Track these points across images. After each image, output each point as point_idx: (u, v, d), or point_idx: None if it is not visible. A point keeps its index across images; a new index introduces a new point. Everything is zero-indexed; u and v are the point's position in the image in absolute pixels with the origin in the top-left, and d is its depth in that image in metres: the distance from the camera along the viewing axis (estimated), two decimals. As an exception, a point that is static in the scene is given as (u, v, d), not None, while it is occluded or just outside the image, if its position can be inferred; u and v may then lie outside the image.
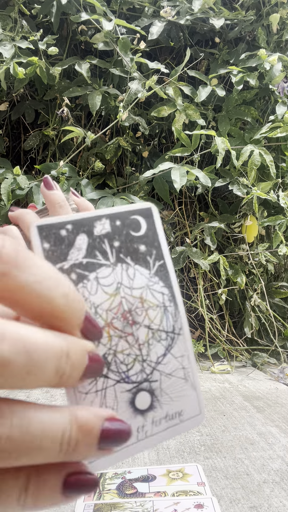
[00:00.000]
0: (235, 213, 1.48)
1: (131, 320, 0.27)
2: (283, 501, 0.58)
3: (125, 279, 0.27)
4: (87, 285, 0.26)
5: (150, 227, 0.28)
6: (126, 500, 0.57)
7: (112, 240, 0.27)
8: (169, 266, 0.29)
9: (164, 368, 0.27)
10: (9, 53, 1.22)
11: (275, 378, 1.22)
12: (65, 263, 0.25)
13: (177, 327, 0.28)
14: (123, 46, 1.31)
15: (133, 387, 0.26)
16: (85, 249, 0.26)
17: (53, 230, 0.25)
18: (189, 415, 0.28)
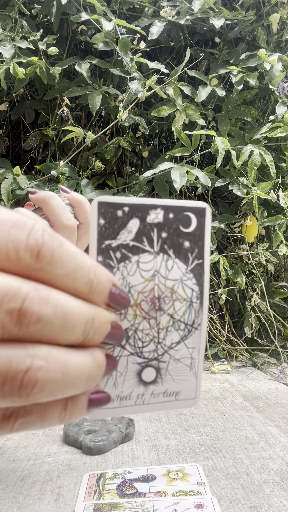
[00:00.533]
0: (235, 213, 1.48)
1: (157, 306, 0.29)
2: (283, 501, 0.58)
3: (162, 269, 0.29)
4: (128, 266, 0.28)
5: (199, 226, 0.29)
6: (126, 500, 0.57)
7: (161, 230, 0.28)
8: (206, 267, 0.30)
9: (175, 354, 0.30)
10: (9, 53, 1.22)
11: (275, 378, 1.22)
12: (113, 241, 0.27)
13: (197, 322, 0.30)
14: (123, 46, 1.31)
15: (143, 362, 0.29)
16: (134, 233, 0.28)
17: (111, 208, 0.27)
18: (184, 397, 0.31)
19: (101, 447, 0.72)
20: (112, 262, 0.27)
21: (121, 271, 0.28)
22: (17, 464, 0.69)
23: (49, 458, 0.71)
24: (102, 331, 0.24)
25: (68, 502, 0.58)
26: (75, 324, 0.22)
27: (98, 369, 0.24)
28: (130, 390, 0.29)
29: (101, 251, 0.27)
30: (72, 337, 0.23)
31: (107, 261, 0.27)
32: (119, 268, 0.28)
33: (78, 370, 0.22)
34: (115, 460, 0.70)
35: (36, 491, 0.61)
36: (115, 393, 0.29)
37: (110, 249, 0.27)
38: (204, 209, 0.29)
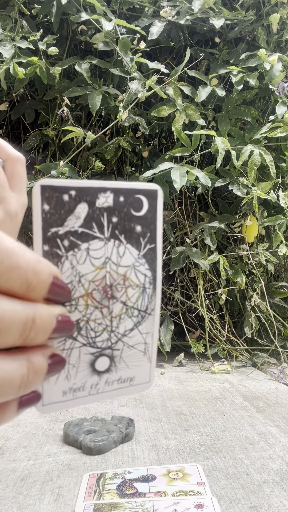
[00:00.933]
0: (235, 213, 1.48)
1: (110, 294, 0.28)
2: (283, 501, 0.58)
3: (114, 256, 0.28)
4: (77, 254, 0.26)
5: (151, 209, 0.29)
6: (126, 500, 0.57)
7: (111, 215, 0.27)
8: (158, 251, 0.29)
9: (128, 341, 0.29)
10: (9, 53, 1.22)
11: (275, 378, 1.22)
12: (60, 228, 0.26)
13: (150, 307, 0.30)
14: (123, 46, 1.31)
15: (96, 351, 0.28)
16: (83, 219, 0.26)
17: (56, 193, 0.25)
18: (139, 381, 0.31)
19: (101, 447, 0.72)
20: (59, 251, 0.26)
21: (70, 260, 0.26)
22: (17, 464, 0.69)
23: (49, 458, 0.71)
24: (46, 328, 0.22)
25: (68, 502, 0.58)
26: (9, 327, 0.20)
27: (34, 375, 0.22)
28: (84, 381, 0.29)
29: (47, 239, 0.26)
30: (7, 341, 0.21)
31: (54, 250, 0.26)
32: (67, 257, 0.26)
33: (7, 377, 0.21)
34: (115, 460, 0.70)
35: (36, 491, 0.61)
36: (68, 386, 0.28)
37: (57, 237, 0.26)
38: (156, 191, 0.29)
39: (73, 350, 0.28)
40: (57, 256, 0.26)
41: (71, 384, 0.28)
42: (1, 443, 0.77)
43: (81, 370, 0.28)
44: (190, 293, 1.49)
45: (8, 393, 0.21)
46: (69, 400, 0.28)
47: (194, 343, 1.31)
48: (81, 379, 0.28)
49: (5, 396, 0.21)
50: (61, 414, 0.90)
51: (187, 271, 1.50)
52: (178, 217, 1.52)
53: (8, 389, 0.21)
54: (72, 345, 0.28)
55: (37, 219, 0.25)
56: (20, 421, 0.87)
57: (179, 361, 1.33)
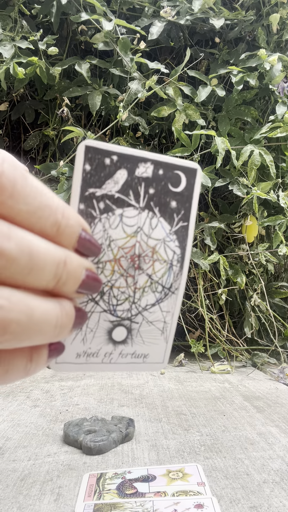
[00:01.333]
0: (235, 213, 1.48)
1: (137, 264, 0.28)
2: (283, 501, 0.58)
3: (146, 227, 0.28)
4: (110, 218, 0.27)
5: (188, 187, 0.28)
6: (126, 500, 0.57)
7: (149, 186, 0.27)
8: (190, 231, 0.29)
9: (148, 316, 0.29)
10: (9, 53, 1.22)
11: (275, 378, 1.22)
12: (98, 190, 0.26)
13: (174, 286, 0.30)
14: (123, 46, 1.31)
15: (115, 320, 0.28)
16: (121, 184, 0.26)
17: (98, 155, 0.26)
18: (152, 360, 0.30)
19: (101, 447, 0.72)
20: (94, 212, 0.26)
21: (103, 223, 0.26)
22: (17, 464, 0.69)
23: (49, 458, 0.71)
24: (76, 276, 0.23)
25: (68, 502, 0.58)
26: (43, 264, 0.21)
27: (66, 317, 0.23)
28: (99, 348, 0.29)
29: (84, 198, 0.26)
30: (42, 279, 0.21)
31: (89, 210, 0.26)
32: (101, 219, 0.26)
33: (44, 315, 0.21)
34: (115, 460, 0.70)
35: (36, 491, 0.61)
36: (83, 349, 0.28)
37: (94, 198, 0.26)
38: (195, 170, 0.28)
39: (93, 314, 0.28)
40: (91, 216, 0.26)
41: (86, 348, 0.28)
42: (1, 443, 0.77)
43: (97, 336, 0.28)
44: (190, 293, 1.49)
45: (46, 331, 0.21)
46: (82, 363, 0.28)
47: (194, 343, 1.31)
48: (96, 345, 0.28)
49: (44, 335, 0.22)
50: (61, 414, 0.90)
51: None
52: (178, 217, 1.52)
53: (47, 327, 0.21)
54: (93, 308, 0.28)
55: (77, 177, 0.26)
56: (20, 421, 0.87)
57: (179, 361, 1.33)
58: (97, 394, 1.03)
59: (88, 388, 1.08)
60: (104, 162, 0.26)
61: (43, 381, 1.15)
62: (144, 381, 1.15)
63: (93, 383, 1.13)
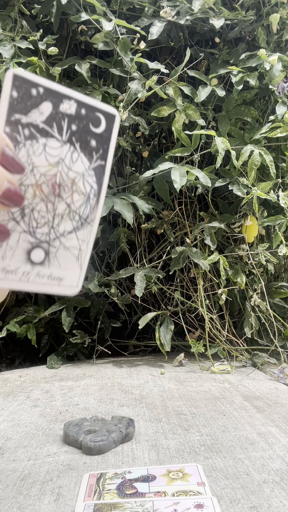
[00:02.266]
0: (235, 213, 1.48)
1: (57, 192, 0.30)
2: (283, 501, 0.58)
3: (67, 159, 0.30)
4: (34, 146, 0.29)
5: (107, 129, 0.31)
6: (126, 500, 0.57)
7: (71, 122, 0.30)
8: (107, 170, 0.32)
9: (65, 242, 0.32)
10: (8, 53, 1.22)
11: (275, 378, 1.22)
12: (24, 117, 0.28)
13: (90, 218, 0.32)
14: (123, 46, 1.31)
15: (34, 242, 0.31)
16: (46, 116, 0.29)
17: (26, 84, 0.27)
18: (67, 283, 0.33)
19: (101, 447, 0.72)
20: (19, 136, 0.28)
21: (27, 149, 0.28)
22: (17, 464, 0.69)
23: (49, 458, 0.71)
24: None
25: (68, 502, 0.58)
26: None
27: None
28: (17, 266, 0.30)
29: (10, 123, 0.27)
30: None
31: (14, 135, 0.28)
32: (25, 144, 0.28)
33: None
34: (115, 460, 0.70)
35: (36, 491, 0.61)
36: (2, 265, 0.30)
37: (19, 124, 0.28)
38: (114, 116, 0.31)
39: (13, 233, 0.30)
40: (15, 141, 0.28)
41: (5, 264, 0.30)
42: (1, 443, 0.77)
43: (16, 255, 0.30)
44: (190, 293, 1.49)
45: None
46: (0, 279, 0.30)
47: (194, 343, 1.31)
48: (15, 263, 0.30)
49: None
50: (61, 414, 0.90)
51: (187, 271, 1.50)
52: (178, 217, 1.52)
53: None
54: (14, 227, 0.29)
55: (4, 102, 0.27)
56: (20, 421, 0.87)
57: (179, 361, 1.33)
58: (97, 394, 1.03)
59: (88, 388, 1.08)
60: (31, 92, 0.28)
61: (43, 381, 1.15)
62: (144, 381, 1.15)
63: (93, 383, 1.13)
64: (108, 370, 1.27)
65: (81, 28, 1.37)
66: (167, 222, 1.49)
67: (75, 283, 0.33)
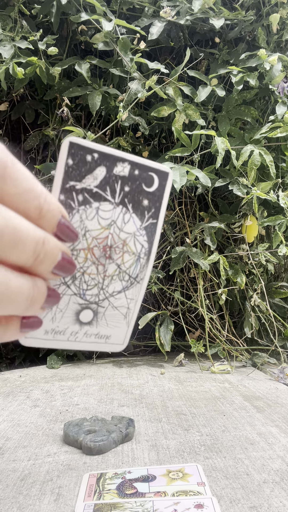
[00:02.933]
0: (235, 213, 1.48)
1: (108, 254, 0.31)
2: (283, 501, 0.58)
3: (119, 221, 0.30)
4: (87, 210, 0.29)
5: (160, 188, 0.31)
6: (126, 500, 0.57)
7: (125, 184, 0.30)
8: (158, 228, 0.32)
9: (114, 302, 0.32)
10: (8, 53, 1.22)
11: (275, 378, 1.22)
12: (78, 183, 0.28)
13: (140, 276, 0.33)
14: (123, 46, 1.31)
15: (83, 303, 0.31)
16: (99, 180, 0.29)
17: (81, 151, 0.28)
18: (114, 341, 0.33)
19: (101, 447, 0.72)
20: (73, 203, 0.28)
21: (80, 214, 0.29)
22: (17, 464, 0.69)
23: (49, 458, 0.71)
24: (53, 256, 0.25)
25: (68, 502, 0.58)
26: (25, 241, 0.23)
27: (38, 293, 0.25)
28: (66, 327, 0.31)
29: (65, 190, 0.28)
30: (22, 255, 0.23)
31: (68, 201, 0.28)
32: (79, 210, 0.29)
33: (19, 287, 0.23)
34: (115, 460, 0.70)
35: (36, 491, 0.61)
36: (51, 327, 0.30)
37: (74, 191, 0.28)
38: (167, 173, 0.31)
39: (64, 296, 0.30)
40: (70, 207, 0.28)
41: (54, 326, 0.31)
42: (1, 443, 0.77)
43: (66, 316, 0.31)
44: (190, 293, 1.49)
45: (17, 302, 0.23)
46: (49, 340, 0.31)
47: (194, 343, 1.31)
48: (64, 324, 0.31)
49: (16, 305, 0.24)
50: (61, 414, 0.90)
51: (187, 271, 1.50)
52: (178, 217, 1.52)
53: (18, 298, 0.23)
54: (64, 291, 0.30)
55: (60, 170, 0.28)
56: (20, 421, 0.87)
57: (179, 361, 1.33)
58: (97, 394, 1.03)
59: (88, 388, 1.08)
60: (86, 159, 0.28)
61: (43, 381, 1.15)
62: (144, 381, 1.15)
63: (93, 383, 1.13)
64: (108, 370, 1.27)
65: (81, 28, 1.38)
66: (167, 222, 1.49)
67: (122, 341, 0.34)
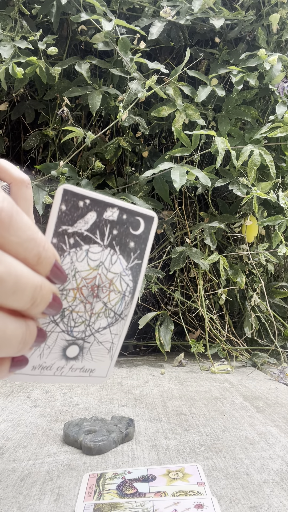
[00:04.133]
0: (235, 213, 1.48)
1: (96, 293, 0.32)
2: (283, 501, 0.58)
3: (107, 262, 0.32)
4: (78, 253, 0.31)
5: (146, 231, 0.33)
6: (126, 500, 0.57)
7: (113, 228, 0.31)
8: (143, 268, 0.34)
9: (99, 337, 0.34)
10: (8, 53, 1.22)
11: (275, 378, 1.22)
12: (70, 227, 0.30)
13: (124, 313, 0.34)
14: (123, 46, 1.31)
15: (70, 339, 0.33)
16: (90, 224, 0.31)
17: (74, 198, 0.30)
18: (97, 374, 0.35)
19: (101, 447, 0.72)
20: (65, 246, 0.30)
21: (71, 256, 0.30)
22: (17, 464, 0.69)
23: (49, 458, 0.71)
24: (46, 299, 0.26)
25: (68, 502, 0.58)
26: (24, 287, 0.24)
27: (29, 335, 0.26)
28: (52, 362, 0.32)
29: (57, 234, 0.30)
30: (21, 300, 0.24)
31: (60, 244, 0.30)
32: (70, 252, 0.30)
33: (14, 332, 0.25)
34: (115, 460, 0.70)
35: (36, 491, 0.61)
36: (38, 363, 0.32)
37: (66, 234, 0.30)
38: (153, 218, 0.33)
39: (52, 333, 0.32)
40: (61, 250, 0.30)
41: (42, 362, 0.32)
42: (1, 443, 0.77)
43: (53, 352, 0.32)
44: (190, 293, 1.49)
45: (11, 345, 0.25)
46: (36, 375, 0.32)
47: (194, 343, 1.31)
48: (51, 360, 0.32)
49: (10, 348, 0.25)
50: (61, 414, 0.90)
51: (187, 271, 1.50)
52: (178, 217, 1.52)
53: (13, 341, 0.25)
54: (53, 328, 0.31)
55: (53, 215, 0.29)
56: (20, 421, 0.87)
57: (179, 361, 1.33)
58: (97, 394, 1.03)
59: (88, 388, 1.08)
60: (78, 204, 0.30)
61: (43, 381, 1.15)
62: (144, 381, 1.15)
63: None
64: (108, 370, 1.27)
65: (81, 28, 1.38)
66: (167, 222, 1.49)
67: (105, 373, 0.36)
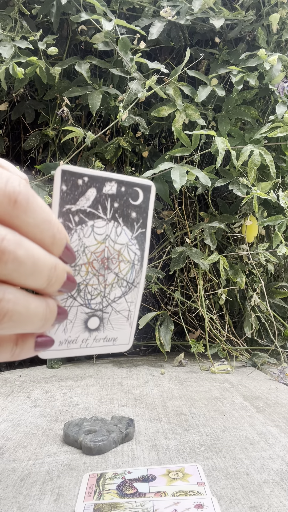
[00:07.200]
0: (235, 213, 1.48)
1: (106, 265, 0.34)
2: (283, 501, 0.58)
3: (112, 234, 0.33)
4: (84, 229, 0.32)
5: (145, 200, 0.34)
6: (126, 500, 0.57)
7: (114, 201, 0.33)
8: (147, 235, 0.35)
9: (116, 306, 0.35)
10: (8, 53, 1.22)
11: (275, 378, 1.22)
12: (73, 206, 0.31)
13: (136, 281, 0.36)
14: (123, 46, 1.31)
15: (90, 312, 0.34)
16: (91, 201, 0.32)
17: (73, 177, 0.31)
18: (120, 342, 0.37)
19: (101, 447, 0.72)
20: (71, 224, 0.31)
21: (78, 233, 0.32)
22: (17, 464, 0.69)
23: (49, 458, 0.71)
24: (61, 278, 0.28)
25: (68, 502, 0.58)
26: (42, 268, 0.26)
27: (50, 312, 0.28)
28: (77, 335, 0.34)
29: (62, 214, 0.31)
30: (39, 280, 0.26)
31: (66, 223, 0.31)
32: (76, 230, 0.32)
33: (36, 309, 0.26)
34: (115, 460, 0.70)
35: (36, 491, 0.61)
36: (64, 337, 0.33)
37: (70, 213, 0.31)
38: (150, 186, 0.34)
39: (71, 308, 0.33)
40: (68, 228, 0.31)
41: (67, 336, 0.34)
42: (1, 443, 0.77)
43: (76, 326, 0.34)
44: (190, 293, 1.49)
45: (34, 321, 0.26)
46: (64, 349, 0.34)
47: (194, 343, 1.31)
48: (75, 333, 0.34)
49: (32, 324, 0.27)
50: (61, 414, 0.90)
51: (187, 271, 1.50)
52: (178, 217, 1.52)
53: (35, 318, 0.26)
54: (71, 303, 0.33)
55: (56, 196, 0.30)
56: (20, 421, 0.87)
57: (179, 361, 1.33)
58: (97, 394, 1.03)
59: (88, 388, 1.08)
60: (78, 183, 0.31)
61: (43, 381, 1.15)
62: (144, 381, 1.15)
63: (93, 383, 1.13)
64: (108, 370, 1.27)
65: (81, 28, 1.37)
66: (167, 222, 1.49)
67: (127, 341, 0.37)
